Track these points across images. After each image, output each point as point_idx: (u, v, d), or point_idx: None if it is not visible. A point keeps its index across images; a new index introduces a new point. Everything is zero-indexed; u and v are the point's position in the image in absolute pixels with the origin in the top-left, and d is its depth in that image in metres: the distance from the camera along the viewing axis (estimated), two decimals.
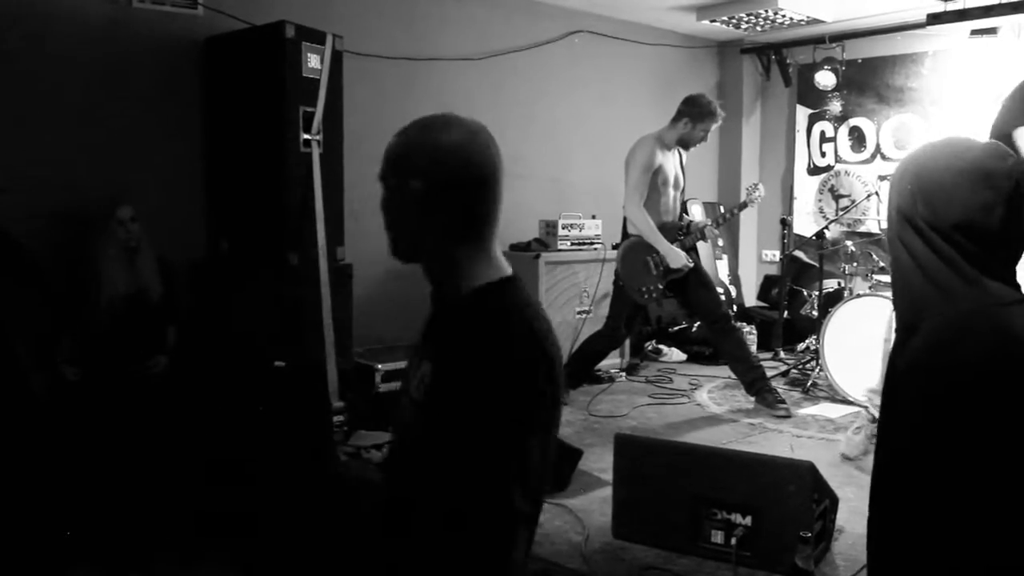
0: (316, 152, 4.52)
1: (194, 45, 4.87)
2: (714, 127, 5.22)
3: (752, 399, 5.32)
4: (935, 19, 6.08)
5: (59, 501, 3.26)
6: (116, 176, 4.59)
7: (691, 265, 5.12)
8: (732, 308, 7.14)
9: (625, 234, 5.34)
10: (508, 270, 1.59)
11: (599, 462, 4.05)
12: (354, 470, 4.02)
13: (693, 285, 5.24)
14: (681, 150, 5.35)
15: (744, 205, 5.47)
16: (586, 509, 3.62)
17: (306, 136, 4.49)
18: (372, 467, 4.04)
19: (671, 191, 5.28)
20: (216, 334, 4.51)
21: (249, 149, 4.67)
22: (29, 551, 3.03)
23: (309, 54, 4.50)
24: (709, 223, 5.38)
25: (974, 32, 6.07)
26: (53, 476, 3.32)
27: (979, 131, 3.39)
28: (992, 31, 5.99)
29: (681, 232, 5.25)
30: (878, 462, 2.10)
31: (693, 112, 5.17)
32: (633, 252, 5.23)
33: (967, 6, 5.92)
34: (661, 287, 5.20)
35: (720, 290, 6.54)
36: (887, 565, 2.05)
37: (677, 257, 5.10)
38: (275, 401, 4.02)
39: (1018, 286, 1.99)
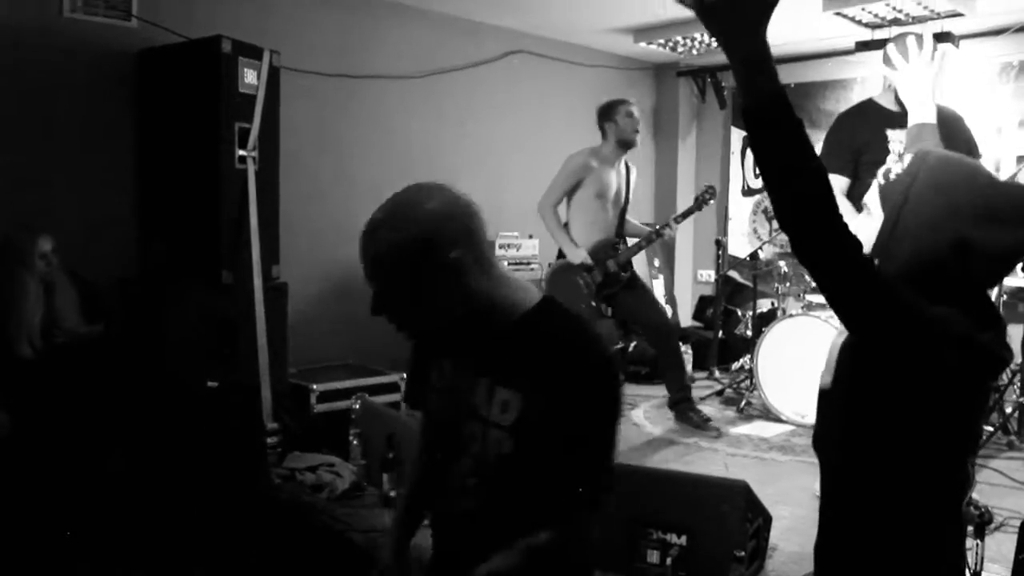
0: (252, 169, 4.46)
1: (127, 58, 4.77)
2: (634, 110, 5.22)
3: (672, 416, 5.36)
4: (863, 47, 6.27)
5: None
6: (44, 190, 4.48)
7: (590, 263, 5.11)
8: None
9: (560, 256, 5.35)
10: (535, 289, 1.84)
11: None
12: (288, 493, 3.96)
13: (639, 303, 5.24)
14: (629, 165, 5.37)
15: (699, 206, 5.48)
16: None
17: (242, 152, 4.44)
18: (306, 490, 3.99)
19: (610, 208, 5.26)
20: (148, 353, 4.41)
21: (183, 165, 4.59)
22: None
23: (246, 69, 4.45)
24: (671, 219, 5.38)
25: None
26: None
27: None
28: None
29: (616, 249, 5.25)
30: (824, 484, 2.11)
31: (609, 112, 5.20)
32: (562, 274, 5.22)
33: (893, 35, 6.10)
34: (595, 304, 5.18)
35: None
36: None
37: (576, 255, 5.10)
38: (208, 422, 3.94)
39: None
